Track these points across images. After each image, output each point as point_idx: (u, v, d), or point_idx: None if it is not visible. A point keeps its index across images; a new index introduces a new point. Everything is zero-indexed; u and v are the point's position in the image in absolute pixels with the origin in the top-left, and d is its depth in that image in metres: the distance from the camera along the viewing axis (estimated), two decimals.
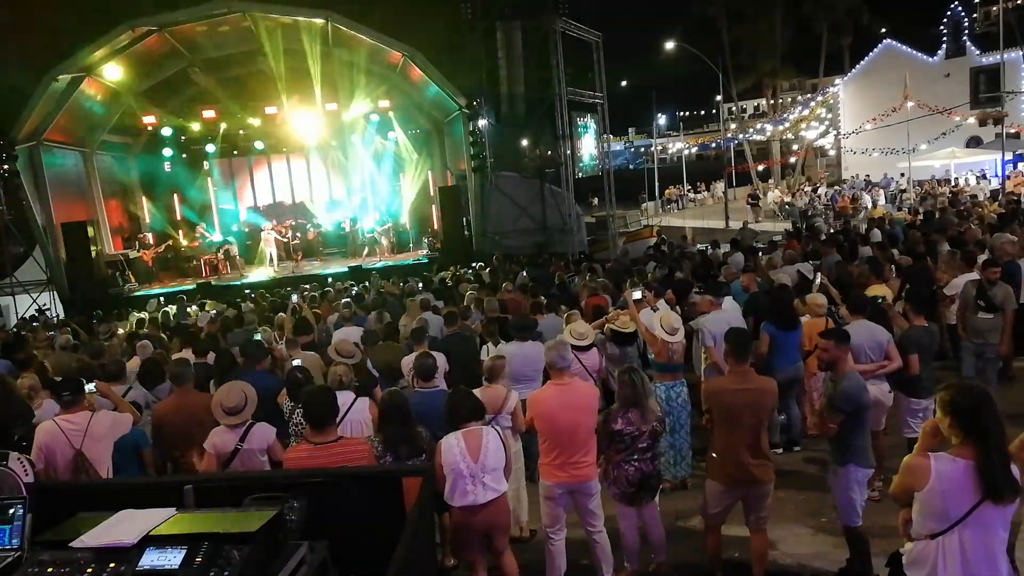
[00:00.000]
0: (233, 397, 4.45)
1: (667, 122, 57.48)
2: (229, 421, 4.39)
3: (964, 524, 2.80)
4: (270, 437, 4.47)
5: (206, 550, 2.09)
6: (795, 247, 11.55)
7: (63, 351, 8.89)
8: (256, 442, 4.40)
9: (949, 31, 31.10)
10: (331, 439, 3.91)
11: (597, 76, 22.37)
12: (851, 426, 4.23)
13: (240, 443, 4.34)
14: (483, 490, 4.01)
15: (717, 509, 4.50)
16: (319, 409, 3.96)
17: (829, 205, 26.58)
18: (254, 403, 4.53)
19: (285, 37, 19.56)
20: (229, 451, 4.35)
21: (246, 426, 4.42)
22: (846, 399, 4.19)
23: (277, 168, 24.02)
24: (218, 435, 4.42)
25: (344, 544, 2.53)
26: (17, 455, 2.92)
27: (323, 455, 3.80)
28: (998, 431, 2.81)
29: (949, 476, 2.80)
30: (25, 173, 17.66)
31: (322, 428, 3.92)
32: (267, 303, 12.84)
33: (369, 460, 3.97)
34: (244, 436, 4.38)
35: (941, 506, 2.83)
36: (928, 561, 2.90)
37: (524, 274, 12.90)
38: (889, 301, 6.83)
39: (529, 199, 21.26)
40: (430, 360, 5.22)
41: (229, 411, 4.41)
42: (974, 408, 2.81)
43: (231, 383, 4.66)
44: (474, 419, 4.17)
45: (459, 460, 3.99)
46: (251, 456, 4.36)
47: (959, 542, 2.82)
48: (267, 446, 4.43)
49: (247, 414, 4.45)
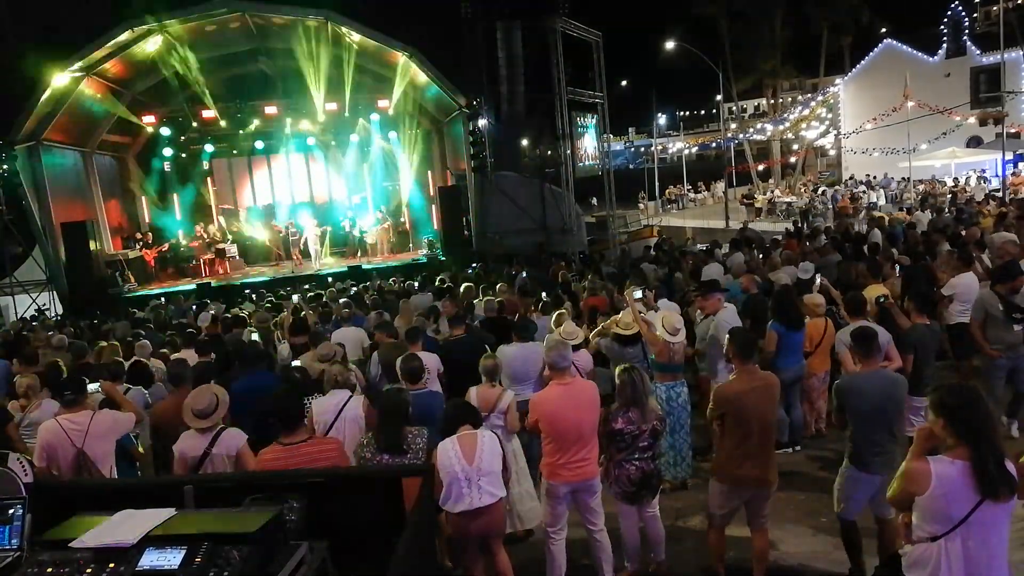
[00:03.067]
0: (202, 400, 4.34)
1: (667, 122, 57.45)
2: (199, 424, 4.29)
3: (966, 525, 2.80)
4: (240, 442, 4.31)
5: (206, 550, 2.08)
6: (794, 247, 11.55)
7: (58, 350, 8.87)
8: (225, 447, 4.26)
9: (949, 31, 31.09)
10: (300, 439, 3.96)
11: (597, 76, 22.37)
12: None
13: (209, 447, 4.24)
14: (479, 494, 4.01)
15: (723, 511, 4.49)
16: (286, 410, 4.02)
17: (828, 205, 26.56)
18: (225, 406, 4.44)
19: (285, 37, 19.57)
20: (198, 455, 4.24)
21: (216, 430, 4.32)
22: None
23: (277, 168, 24.03)
24: (186, 439, 4.32)
25: (344, 544, 2.53)
26: (17, 455, 2.91)
27: (293, 455, 3.86)
28: (989, 428, 2.82)
29: (949, 479, 2.80)
30: (25, 173, 17.64)
31: (291, 429, 3.97)
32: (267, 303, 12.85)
33: (339, 458, 4.01)
34: (213, 441, 4.26)
35: (943, 509, 2.83)
36: (929, 563, 2.89)
37: (524, 275, 12.87)
38: (891, 300, 6.83)
39: (529, 199, 21.26)
40: (416, 362, 5.22)
41: (198, 413, 4.30)
42: (962, 406, 2.83)
43: (203, 386, 4.57)
44: (469, 423, 4.19)
45: (454, 463, 4.00)
46: (220, 461, 4.24)
47: (961, 543, 2.82)
48: (236, 452, 4.27)
49: (217, 417, 4.35)
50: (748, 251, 11.47)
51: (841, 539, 4.49)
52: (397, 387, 4.98)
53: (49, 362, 7.16)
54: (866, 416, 4.22)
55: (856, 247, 10.71)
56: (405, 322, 7.67)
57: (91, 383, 5.52)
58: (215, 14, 18.37)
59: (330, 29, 18.97)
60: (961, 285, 7.47)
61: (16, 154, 17.31)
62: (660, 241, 17.87)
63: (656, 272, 11.15)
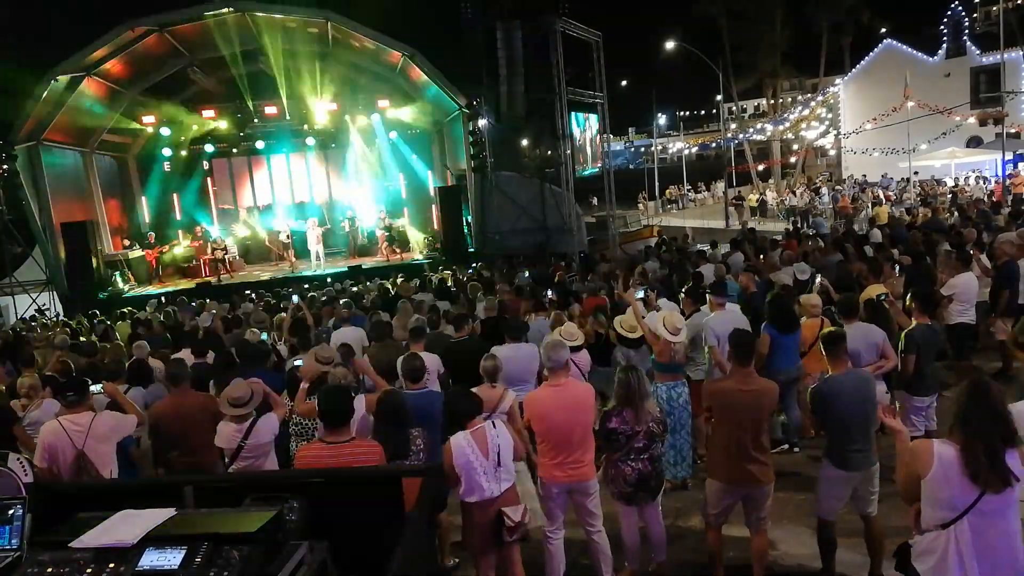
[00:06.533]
0: (239, 389, 4.61)
1: (667, 122, 57.45)
2: (234, 412, 4.55)
3: (973, 513, 2.83)
4: (275, 428, 4.67)
5: (206, 550, 2.08)
6: (794, 247, 11.55)
7: (58, 350, 8.88)
8: (264, 435, 4.59)
9: (949, 31, 31.09)
10: (344, 439, 3.88)
11: (597, 76, 22.37)
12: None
13: (244, 439, 4.51)
14: (497, 485, 4.04)
15: (718, 509, 4.51)
16: (333, 409, 3.93)
17: (829, 204, 26.56)
18: (260, 396, 4.68)
19: (285, 37, 19.57)
20: (233, 448, 4.53)
21: (250, 420, 4.58)
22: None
23: (277, 168, 24.02)
24: (223, 433, 4.61)
25: (344, 544, 2.53)
26: (17, 455, 2.92)
27: (335, 455, 3.77)
28: (986, 421, 2.83)
29: (949, 460, 2.86)
30: (25, 173, 17.66)
31: (336, 428, 3.89)
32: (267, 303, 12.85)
33: (381, 462, 3.91)
34: (248, 432, 4.54)
35: (947, 493, 2.87)
36: (937, 552, 2.92)
37: (527, 275, 12.87)
38: (891, 297, 6.83)
39: (529, 199, 21.26)
40: (417, 362, 5.21)
41: (234, 402, 4.56)
42: (963, 396, 2.92)
43: (239, 379, 4.80)
44: (476, 415, 4.17)
45: (471, 458, 3.99)
46: (258, 449, 4.56)
47: (970, 530, 2.85)
48: (273, 436, 4.64)
49: (252, 407, 4.60)
50: (749, 248, 11.48)
51: (816, 538, 4.54)
52: (389, 389, 4.98)
53: (61, 360, 7.18)
54: (842, 416, 4.29)
55: (858, 247, 10.70)
56: (405, 322, 7.64)
57: (93, 383, 5.53)
58: (215, 14, 18.38)
59: (330, 29, 18.97)
60: (960, 285, 7.48)
61: (16, 154, 17.32)
62: (661, 240, 17.86)
63: (656, 272, 11.15)
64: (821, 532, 4.50)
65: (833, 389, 4.34)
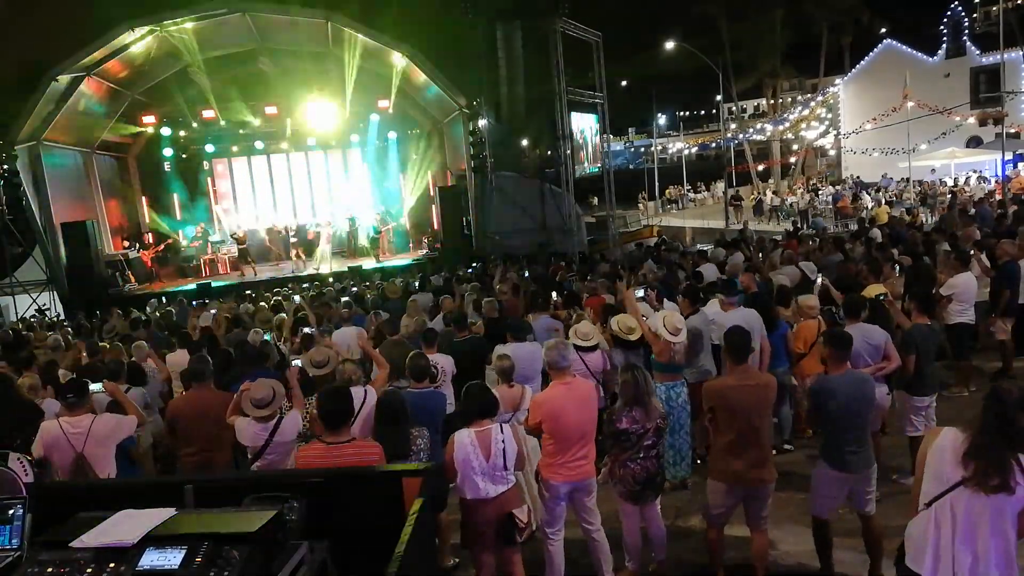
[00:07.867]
0: (261, 391, 4.57)
1: (667, 122, 57.37)
2: (257, 413, 4.51)
3: (964, 501, 2.84)
4: (299, 425, 4.64)
5: (206, 550, 2.08)
6: (794, 247, 11.55)
7: (55, 351, 8.87)
8: (289, 432, 4.56)
9: (949, 31, 31.09)
10: (344, 439, 3.86)
11: (597, 76, 22.37)
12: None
13: (271, 437, 4.47)
14: (494, 486, 4.04)
15: (720, 509, 4.50)
16: (332, 409, 3.90)
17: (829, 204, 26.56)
18: (282, 397, 4.65)
19: (285, 37, 19.57)
20: (259, 445, 4.49)
21: (276, 419, 4.55)
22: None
23: (277, 168, 24.02)
24: (247, 431, 4.54)
25: (344, 544, 2.53)
26: (17, 455, 2.92)
27: (335, 455, 3.76)
28: (997, 424, 2.82)
29: (955, 437, 2.90)
30: (25, 173, 17.68)
31: (336, 428, 3.86)
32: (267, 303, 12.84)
33: (381, 462, 3.90)
34: (274, 430, 4.50)
35: (939, 464, 2.92)
36: (921, 525, 2.98)
37: (527, 275, 12.85)
38: (891, 297, 6.82)
39: (529, 199, 21.26)
40: (423, 361, 5.22)
41: (257, 403, 4.52)
42: (987, 399, 2.92)
43: (262, 379, 4.78)
44: (487, 416, 4.13)
45: (472, 458, 4.00)
46: (283, 447, 4.53)
47: (951, 509, 2.87)
48: (297, 434, 4.60)
49: (275, 407, 4.57)
50: (748, 248, 11.49)
51: (812, 536, 4.54)
52: (389, 388, 4.97)
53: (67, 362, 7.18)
54: (837, 416, 4.28)
55: (866, 247, 10.68)
56: (412, 321, 7.63)
57: (93, 383, 5.52)
58: (215, 14, 18.38)
59: (330, 29, 18.97)
60: (960, 285, 7.48)
61: (16, 154, 17.32)
62: (661, 241, 17.87)
63: (656, 272, 11.14)
64: (816, 530, 4.50)
65: (828, 388, 4.32)
